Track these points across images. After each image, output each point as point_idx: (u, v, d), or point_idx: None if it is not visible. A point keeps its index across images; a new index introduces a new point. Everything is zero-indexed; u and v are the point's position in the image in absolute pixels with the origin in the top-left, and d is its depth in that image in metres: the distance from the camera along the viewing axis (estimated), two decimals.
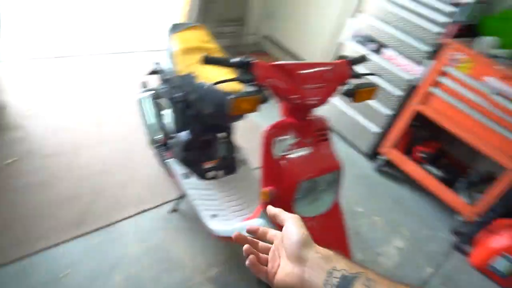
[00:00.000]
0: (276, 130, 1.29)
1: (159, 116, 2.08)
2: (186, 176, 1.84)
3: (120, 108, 2.71)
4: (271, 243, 0.64)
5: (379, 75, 2.67)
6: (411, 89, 2.65)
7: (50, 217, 1.83)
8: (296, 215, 0.62)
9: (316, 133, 1.37)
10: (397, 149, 2.82)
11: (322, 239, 1.06)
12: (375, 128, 2.93)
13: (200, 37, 1.93)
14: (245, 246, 0.62)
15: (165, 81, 1.99)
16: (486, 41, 2.31)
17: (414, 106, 2.61)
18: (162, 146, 2.06)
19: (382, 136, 2.90)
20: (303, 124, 1.33)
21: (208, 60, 1.21)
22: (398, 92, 2.72)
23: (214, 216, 1.70)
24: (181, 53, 1.80)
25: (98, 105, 2.70)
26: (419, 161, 2.78)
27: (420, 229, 2.55)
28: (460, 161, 2.90)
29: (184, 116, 1.88)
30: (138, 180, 2.20)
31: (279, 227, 0.63)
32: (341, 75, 1.35)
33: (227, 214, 1.73)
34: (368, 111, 2.92)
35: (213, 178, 1.92)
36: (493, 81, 2.20)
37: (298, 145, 1.31)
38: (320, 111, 1.35)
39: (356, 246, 2.24)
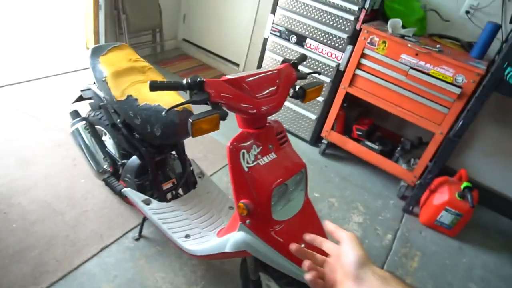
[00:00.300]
0: (239, 144, 1.29)
1: (101, 144, 1.95)
2: (147, 202, 1.76)
3: (44, 142, 2.47)
4: (325, 255, 0.64)
5: (320, 72, 2.80)
6: (338, 74, 2.83)
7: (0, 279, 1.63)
8: (352, 234, 0.63)
9: (276, 138, 1.40)
10: (336, 131, 3.00)
11: (302, 236, 1.07)
12: (313, 116, 3.08)
13: (127, 57, 1.85)
14: (307, 263, 0.63)
15: (100, 107, 1.87)
16: (392, 23, 2.55)
17: (343, 89, 2.80)
18: (112, 176, 1.94)
19: (321, 121, 3.07)
20: (263, 132, 1.35)
21: (156, 87, 1.16)
22: (327, 79, 2.89)
23: (187, 236, 1.66)
24: (113, 78, 1.71)
25: (17, 143, 2.42)
26: (358, 139, 2.99)
27: (372, 201, 2.76)
28: (392, 132, 3.19)
29: (129, 141, 1.79)
30: (90, 215, 2.05)
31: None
32: (289, 79, 1.40)
33: (200, 231, 1.70)
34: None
35: (174, 198, 1.87)
36: (408, 58, 2.45)
37: (263, 153, 1.33)
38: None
39: None
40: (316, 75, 1.66)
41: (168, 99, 1.68)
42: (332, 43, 2.77)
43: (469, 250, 2.54)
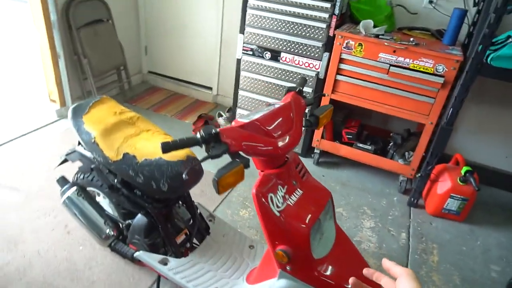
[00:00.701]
0: (265, 188, 1.21)
1: (99, 208, 1.80)
2: (164, 262, 1.63)
3: (29, 214, 2.25)
4: None
5: (324, 95, 2.77)
6: (318, 82, 2.81)
7: None
8: (409, 269, 0.64)
9: (297, 171, 1.33)
10: (326, 139, 2.97)
11: (347, 269, 1.06)
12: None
13: (111, 110, 1.72)
14: None
15: (92, 170, 1.72)
16: (364, 24, 2.56)
17: (327, 97, 2.78)
18: (117, 239, 1.79)
19: (309, 132, 3.03)
20: (284, 169, 1.28)
21: (168, 149, 1.06)
22: (308, 89, 2.86)
23: None
24: (103, 137, 1.57)
25: (2, 223, 2.20)
26: (349, 142, 2.97)
27: (377, 202, 2.74)
28: (379, 128, 3.21)
29: (131, 200, 1.65)
30: (98, 286, 1.88)
31: None
32: (299, 108, 1.34)
33: (228, 281, 1.59)
34: None
35: (190, 250, 1.75)
36: (387, 56, 2.46)
37: (289, 192, 1.26)
38: None
39: None
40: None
41: None
42: (308, 53, 2.75)
43: (480, 231, 2.58)
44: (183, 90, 3.98)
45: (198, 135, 1.08)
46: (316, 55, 2.73)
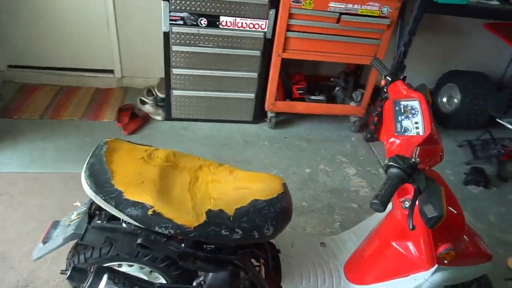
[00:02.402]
0: None
1: (148, 284, 1.33)
2: None
3: None
4: None
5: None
6: (266, 43, 2.57)
7: None
8: None
9: None
10: (279, 100, 2.85)
11: None
12: (250, 95, 2.81)
13: (136, 157, 1.20)
14: None
15: (142, 246, 1.22)
16: None
17: (278, 57, 2.60)
18: None
19: (260, 97, 2.84)
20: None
21: (383, 204, 0.83)
22: (256, 53, 2.60)
23: None
24: (161, 201, 1.09)
25: None
26: (301, 98, 2.93)
27: (344, 148, 2.88)
28: (315, 75, 3.23)
29: (209, 261, 1.28)
30: None
31: None
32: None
33: None
34: (234, 84, 2.73)
35: (272, 278, 1.52)
36: (336, 5, 2.40)
37: None
38: None
39: (340, 202, 2.38)
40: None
41: (250, 184, 1.23)
42: (251, 13, 2.44)
43: None
44: (71, 81, 3.07)
45: (396, 170, 0.87)
46: (261, 14, 2.45)
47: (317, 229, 2.16)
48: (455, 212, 1.17)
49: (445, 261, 1.21)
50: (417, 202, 0.97)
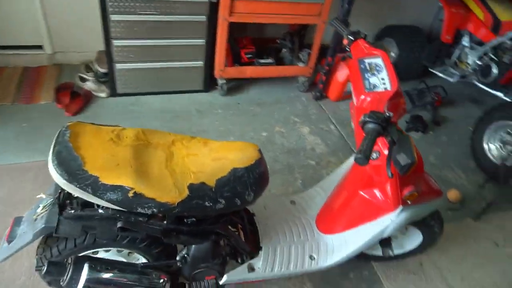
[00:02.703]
0: None
1: (131, 265, 1.32)
2: (251, 268, 1.44)
3: None
4: None
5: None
6: (212, 8, 2.48)
7: None
8: None
9: None
10: (228, 66, 2.81)
11: None
12: (198, 63, 2.73)
13: (103, 139, 1.14)
14: None
15: (122, 229, 1.18)
16: None
17: (225, 20, 2.52)
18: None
19: (208, 64, 2.76)
20: None
21: (366, 158, 0.90)
22: (201, 18, 2.50)
23: (311, 257, 1.53)
24: (142, 182, 1.05)
25: None
26: (250, 62, 2.91)
27: (295, 108, 2.95)
28: (262, 39, 3.20)
29: (193, 234, 1.29)
30: None
31: None
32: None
33: (309, 243, 1.57)
34: (181, 52, 2.63)
35: (252, 241, 1.58)
36: None
37: None
38: None
39: (298, 161, 2.49)
40: None
41: (226, 153, 1.23)
42: None
43: None
44: None
45: (373, 125, 0.93)
46: None
47: (281, 189, 2.25)
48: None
49: (408, 202, 1.35)
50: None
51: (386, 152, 1.20)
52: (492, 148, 2.58)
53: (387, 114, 0.96)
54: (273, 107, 2.93)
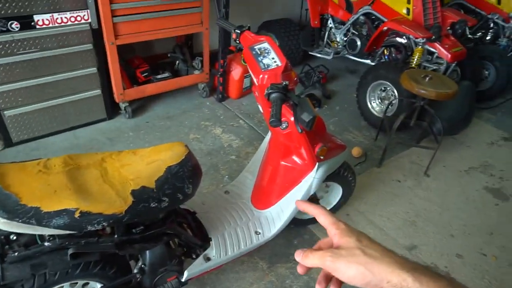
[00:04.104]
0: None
1: None
2: (207, 258, 1.54)
3: None
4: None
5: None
6: (95, 34, 2.47)
7: None
8: (322, 208, 0.61)
9: None
10: (127, 88, 2.82)
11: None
12: (96, 91, 2.68)
13: (31, 172, 1.14)
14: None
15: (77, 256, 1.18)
16: None
17: (112, 45, 2.54)
18: None
19: (107, 91, 2.74)
20: None
21: (278, 120, 1.09)
22: (87, 47, 2.48)
23: (256, 233, 1.68)
24: (84, 199, 1.09)
25: None
26: (148, 80, 2.95)
27: (203, 114, 3.08)
28: (154, 56, 3.26)
29: (145, 239, 1.34)
30: None
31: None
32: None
33: (251, 222, 1.73)
34: (74, 85, 2.56)
35: (199, 234, 1.66)
36: None
37: None
38: None
39: (220, 159, 2.64)
40: None
41: (158, 155, 1.31)
42: (69, 5, 2.28)
43: None
44: None
45: (276, 93, 1.13)
46: (80, 4, 2.32)
47: (212, 188, 2.36)
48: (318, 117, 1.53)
49: (321, 157, 1.59)
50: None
51: (292, 119, 1.41)
52: (374, 105, 3.07)
53: (284, 83, 1.16)
54: (182, 117, 3.02)
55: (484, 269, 2.04)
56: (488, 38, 3.67)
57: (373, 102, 3.07)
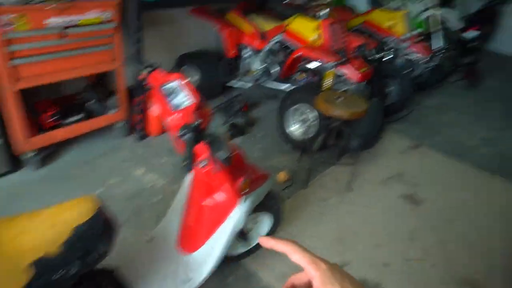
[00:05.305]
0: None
1: None
2: None
3: None
4: None
5: None
6: None
7: None
8: (293, 243, 0.56)
9: None
10: (33, 136, 2.57)
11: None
12: None
13: None
14: None
15: None
16: None
17: (10, 89, 2.31)
18: None
19: (5, 142, 2.46)
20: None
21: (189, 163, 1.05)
22: None
23: None
24: None
25: None
26: (58, 124, 2.72)
27: (123, 154, 2.92)
28: (68, 96, 3.03)
29: None
30: None
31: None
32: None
33: (186, 266, 1.64)
34: None
35: None
36: (55, 20, 2.33)
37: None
38: None
39: (144, 201, 2.51)
40: None
41: (62, 216, 1.18)
42: None
43: None
44: None
45: (186, 136, 1.10)
46: None
47: (137, 235, 2.19)
48: (235, 153, 1.52)
49: (246, 190, 1.58)
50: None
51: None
52: (295, 128, 3.18)
53: (197, 122, 1.14)
54: (100, 160, 2.82)
55: (409, 273, 2.17)
56: (387, 58, 4.08)
57: (294, 125, 3.18)
